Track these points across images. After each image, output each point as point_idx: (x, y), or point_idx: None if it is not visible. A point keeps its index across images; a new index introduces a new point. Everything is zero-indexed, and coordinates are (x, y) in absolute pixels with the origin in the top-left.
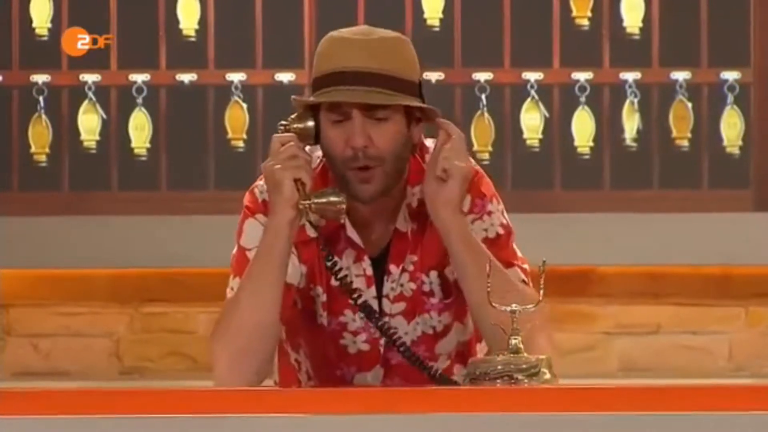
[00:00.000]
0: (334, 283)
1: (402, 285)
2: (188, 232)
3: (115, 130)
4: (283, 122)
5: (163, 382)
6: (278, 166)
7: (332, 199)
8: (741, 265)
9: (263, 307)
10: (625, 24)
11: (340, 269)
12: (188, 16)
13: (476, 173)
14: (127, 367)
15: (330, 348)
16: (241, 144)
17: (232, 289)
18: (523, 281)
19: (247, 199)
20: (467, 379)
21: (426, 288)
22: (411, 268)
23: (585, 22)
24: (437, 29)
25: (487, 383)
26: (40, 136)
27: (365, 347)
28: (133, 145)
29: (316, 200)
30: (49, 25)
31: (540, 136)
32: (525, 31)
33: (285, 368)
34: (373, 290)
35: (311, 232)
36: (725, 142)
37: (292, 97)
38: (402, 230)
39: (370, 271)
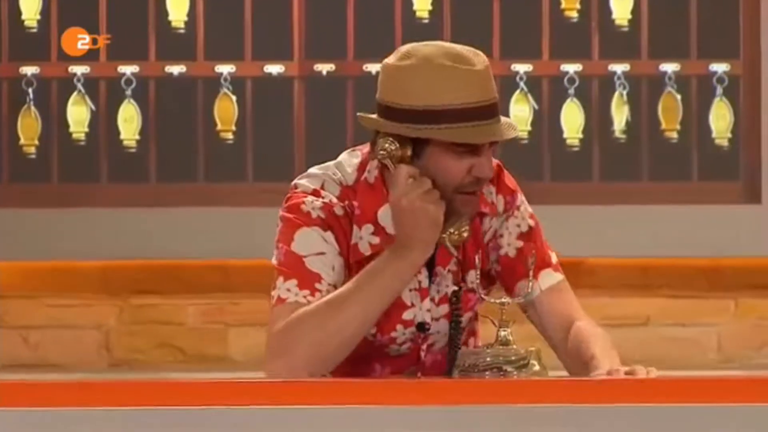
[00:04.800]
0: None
1: (447, 286)
2: (178, 224)
3: (104, 121)
4: (384, 149)
5: (153, 373)
6: (431, 202)
7: (465, 227)
8: (730, 257)
9: (369, 321)
10: (614, 16)
11: (459, 308)
12: (177, 7)
13: (500, 169)
14: (117, 359)
15: (367, 351)
16: (230, 136)
17: (288, 290)
18: (558, 264)
19: (294, 214)
20: (457, 371)
21: (466, 287)
22: (454, 268)
23: (574, 14)
24: (426, 21)
25: (476, 375)
26: (29, 128)
27: (406, 352)
28: (122, 137)
29: (452, 230)
30: (38, 17)
31: (529, 128)
32: (514, 23)
33: None
34: (427, 303)
35: (366, 251)
36: (714, 134)
37: (399, 125)
38: None
39: (426, 283)
